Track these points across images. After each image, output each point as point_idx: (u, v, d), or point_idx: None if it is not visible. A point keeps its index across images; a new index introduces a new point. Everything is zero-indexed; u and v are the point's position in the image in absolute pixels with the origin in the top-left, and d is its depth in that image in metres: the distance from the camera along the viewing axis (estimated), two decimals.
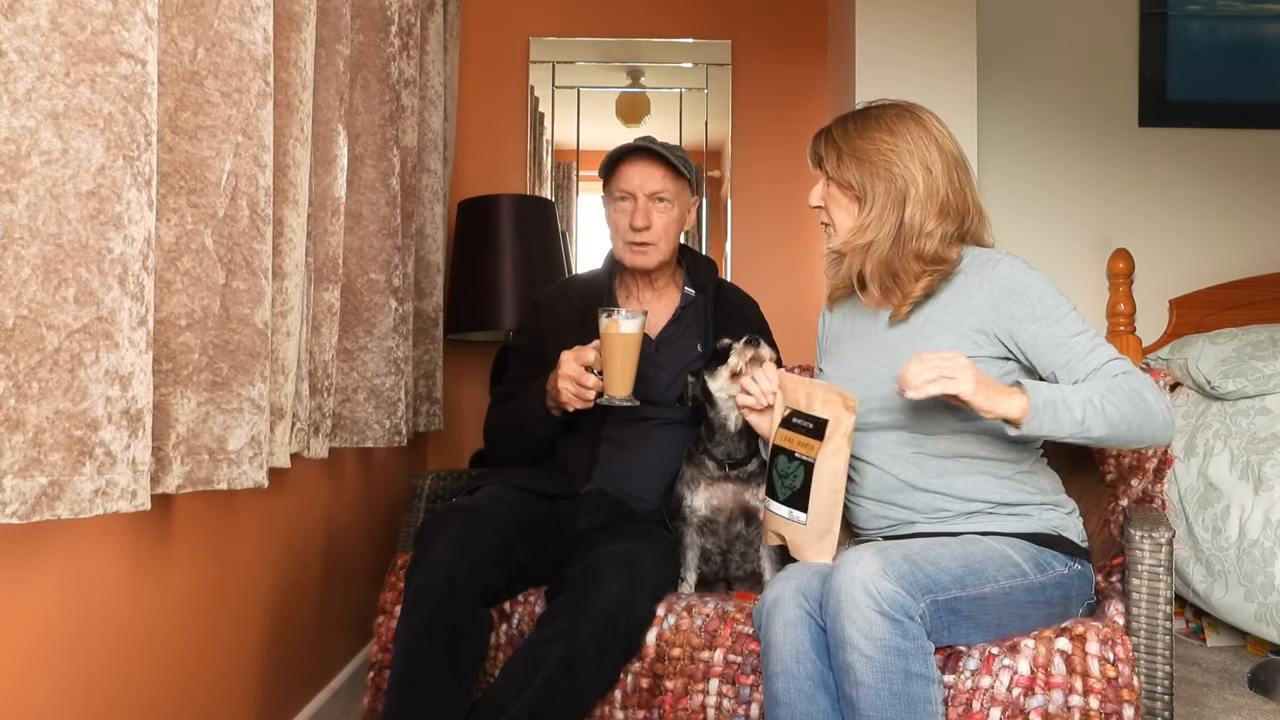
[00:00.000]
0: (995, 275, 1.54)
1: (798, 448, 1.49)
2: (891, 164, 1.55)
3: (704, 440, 1.77)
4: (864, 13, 2.83)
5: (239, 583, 1.61)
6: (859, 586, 1.28)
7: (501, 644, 1.67)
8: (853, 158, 1.58)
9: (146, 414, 1.06)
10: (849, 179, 1.59)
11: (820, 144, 1.64)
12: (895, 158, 1.55)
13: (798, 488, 1.48)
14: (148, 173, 1.05)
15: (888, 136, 1.57)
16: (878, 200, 1.56)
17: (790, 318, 3.20)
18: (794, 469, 1.49)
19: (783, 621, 1.37)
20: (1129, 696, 1.37)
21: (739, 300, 2.07)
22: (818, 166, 1.65)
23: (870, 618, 1.27)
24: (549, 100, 3.26)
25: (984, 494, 1.52)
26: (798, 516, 1.48)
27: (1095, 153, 3.41)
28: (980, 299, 1.54)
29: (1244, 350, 2.75)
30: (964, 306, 1.55)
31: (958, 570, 1.37)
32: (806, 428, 1.49)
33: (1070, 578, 1.49)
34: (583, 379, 1.70)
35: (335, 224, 1.81)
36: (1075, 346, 1.49)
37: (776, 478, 1.52)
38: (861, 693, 1.27)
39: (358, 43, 2.00)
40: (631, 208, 1.88)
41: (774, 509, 1.52)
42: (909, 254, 1.56)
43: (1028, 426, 1.38)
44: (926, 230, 1.55)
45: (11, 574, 1.03)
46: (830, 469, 1.46)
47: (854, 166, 1.58)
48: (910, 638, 1.28)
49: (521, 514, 1.71)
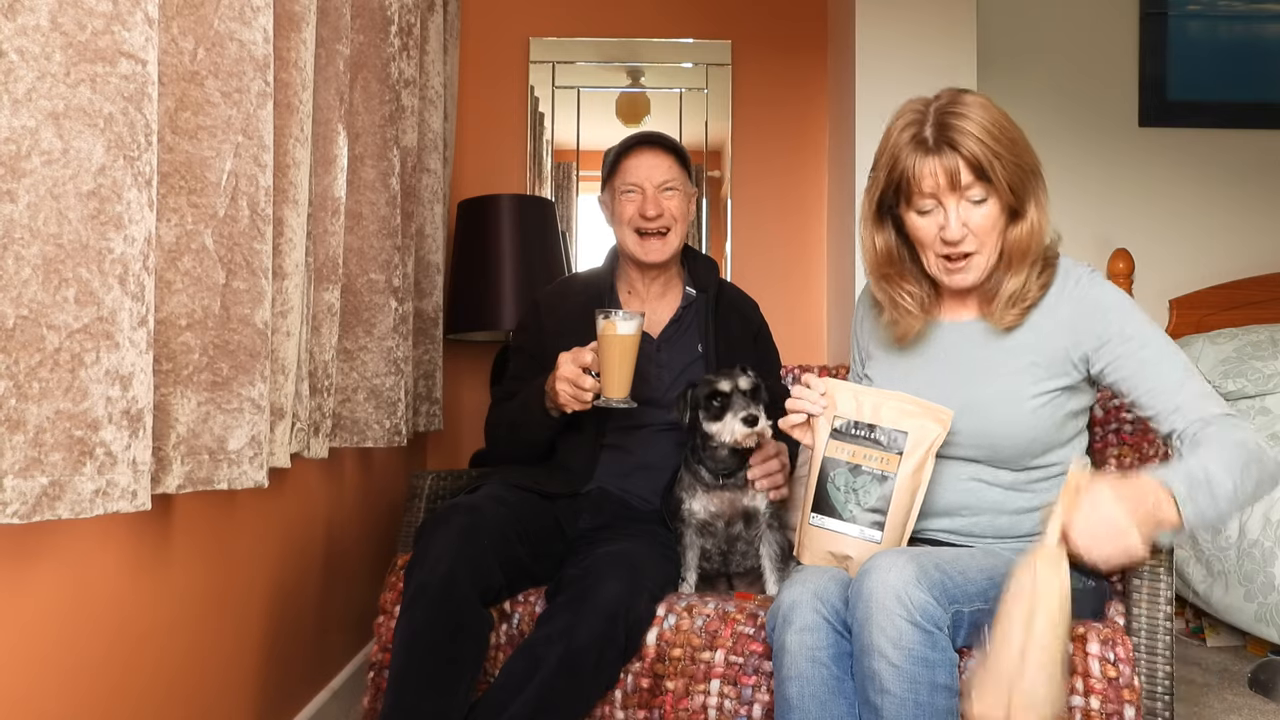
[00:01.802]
0: (1077, 291, 1.47)
1: (865, 461, 1.41)
2: (1034, 160, 1.42)
3: (698, 450, 1.76)
4: (864, 13, 2.83)
5: (239, 583, 1.61)
6: (892, 594, 1.25)
7: (501, 644, 1.67)
8: (1014, 163, 1.38)
9: (147, 414, 1.06)
10: (1014, 186, 1.40)
11: (968, 143, 1.37)
12: (1030, 150, 1.43)
13: (873, 504, 1.40)
14: (148, 173, 1.05)
15: (1018, 130, 1.42)
16: (1038, 204, 1.42)
17: (790, 318, 3.21)
18: (865, 484, 1.41)
19: (799, 626, 1.34)
20: (1129, 696, 1.37)
21: (740, 301, 2.06)
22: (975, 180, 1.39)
23: (901, 626, 1.24)
24: (549, 100, 3.26)
25: (1024, 528, 1.50)
26: (871, 535, 1.39)
27: (1095, 153, 3.41)
28: (1062, 315, 1.47)
29: (1244, 350, 2.75)
30: (1047, 327, 1.47)
31: (982, 583, 1.35)
32: (876, 440, 1.41)
33: (1084, 592, 1.48)
34: (580, 381, 1.70)
35: (335, 224, 1.81)
36: (1168, 375, 1.41)
37: (835, 492, 1.42)
38: (887, 701, 1.24)
39: (358, 43, 2.00)
40: (640, 198, 1.88)
41: (834, 527, 1.43)
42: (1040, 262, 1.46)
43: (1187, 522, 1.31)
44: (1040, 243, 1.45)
45: (11, 574, 1.03)
46: (912, 485, 1.39)
47: (1015, 170, 1.39)
48: (939, 649, 1.26)
49: (522, 513, 1.71)
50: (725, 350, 1.91)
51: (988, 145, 1.38)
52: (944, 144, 1.39)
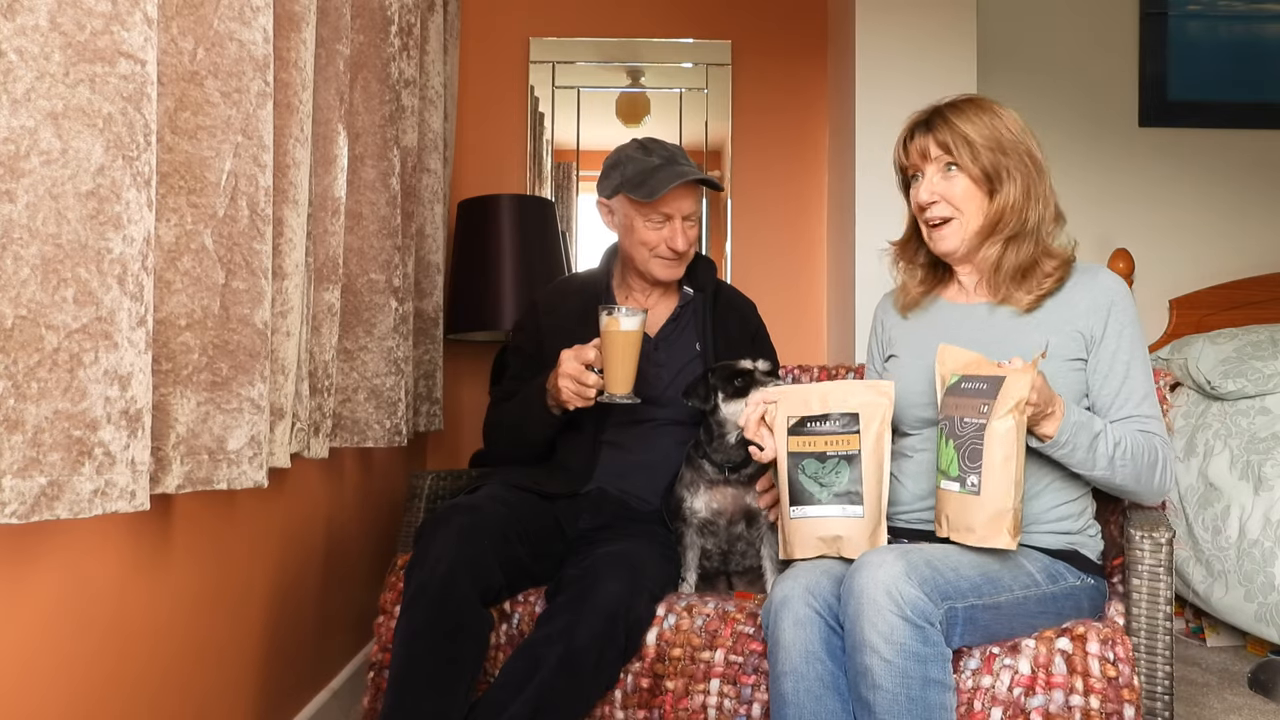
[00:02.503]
0: (1098, 283, 1.57)
1: (827, 447, 1.47)
2: (1020, 150, 1.54)
3: (703, 444, 1.76)
4: (864, 13, 2.83)
5: (239, 583, 1.61)
6: (882, 590, 1.27)
7: (501, 644, 1.67)
8: (986, 146, 1.54)
9: (146, 414, 1.06)
10: (984, 164, 1.54)
11: (942, 130, 1.57)
12: (1022, 143, 1.55)
13: (845, 485, 1.46)
14: (147, 173, 1.05)
15: (1011, 125, 1.56)
16: (1016, 186, 1.54)
17: (790, 319, 3.21)
18: (833, 466, 1.47)
19: (792, 620, 1.35)
20: (1129, 696, 1.37)
21: (738, 301, 2.07)
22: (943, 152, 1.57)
23: (892, 621, 1.26)
24: (549, 100, 3.26)
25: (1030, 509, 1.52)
26: (852, 511, 1.45)
27: (1095, 153, 3.41)
28: (1083, 306, 1.56)
29: (1244, 350, 2.75)
30: (1070, 313, 1.56)
31: (976, 578, 1.36)
32: (830, 427, 1.47)
33: (1081, 590, 1.49)
34: (583, 377, 1.70)
35: (335, 224, 1.81)
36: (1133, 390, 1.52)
37: (807, 481, 1.48)
38: (879, 696, 1.26)
39: (358, 43, 2.00)
40: (671, 230, 1.87)
41: (816, 514, 1.48)
42: (1041, 250, 1.57)
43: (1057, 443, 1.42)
44: (1048, 226, 1.57)
45: (11, 574, 1.03)
46: (877, 457, 1.46)
47: (987, 153, 1.54)
48: (930, 643, 1.27)
49: (522, 514, 1.71)
50: (723, 350, 1.92)
51: (957, 128, 1.55)
52: (925, 127, 1.60)
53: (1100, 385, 1.53)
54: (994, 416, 1.35)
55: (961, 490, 1.38)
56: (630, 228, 1.90)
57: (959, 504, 1.39)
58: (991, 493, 1.35)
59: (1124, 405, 1.52)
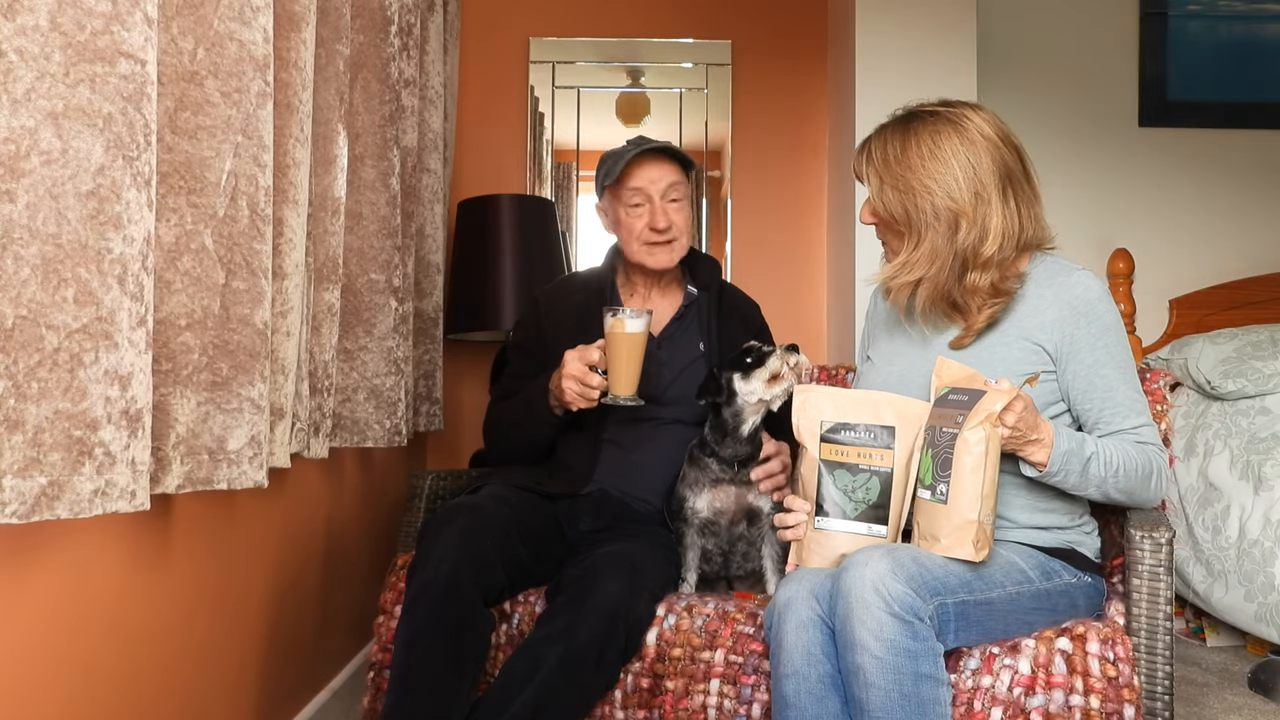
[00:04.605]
0: (1068, 294, 1.49)
1: (860, 459, 1.44)
2: (934, 193, 1.44)
3: (709, 442, 1.75)
4: (864, 13, 2.83)
5: (239, 583, 1.61)
6: (869, 587, 1.27)
7: (501, 644, 1.67)
8: (894, 187, 1.46)
9: (146, 414, 1.06)
10: (893, 211, 1.48)
11: (861, 162, 1.53)
12: (937, 184, 1.44)
13: (874, 500, 1.43)
14: (147, 173, 1.05)
15: (929, 161, 1.44)
16: (926, 233, 1.46)
17: (790, 318, 3.21)
18: (864, 481, 1.43)
19: (795, 623, 1.35)
20: (1129, 696, 1.37)
21: (742, 302, 2.07)
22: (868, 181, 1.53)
23: (880, 619, 1.26)
24: (549, 100, 3.26)
25: (1015, 516, 1.51)
26: (878, 530, 1.42)
27: (1095, 153, 3.41)
28: (1049, 317, 1.49)
29: (1244, 350, 2.75)
30: (1033, 322, 1.50)
31: (966, 574, 1.36)
32: (864, 438, 1.44)
33: (1078, 587, 1.49)
34: (587, 378, 1.69)
35: (335, 224, 1.81)
36: (1119, 402, 1.48)
37: (836, 494, 1.44)
38: (871, 694, 1.26)
39: (358, 43, 2.00)
40: (649, 210, 1.87)
41: (842, 528, 1.44)
42: (967, 287, 1.48)
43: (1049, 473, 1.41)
44: (983, 259, 1.45)
45: (11, 574, 1.03)
46: (904, 476, 1.43)
47: (895, 197, 1.46)
48: (920, 639, 1.27)
49: (523, 513, 1.71)
50: (727, 350, 1.91)
51: (873, 165, 1.51)
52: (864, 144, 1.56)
53: (1082, 399, 1.49)
54: (966, 427, 1.35)
55: (932, 498, 1.38)
56: (617, 220, 1.91)
57: (930, 512, 1.39)
58: (958, 502, 1.35)
59: (1112, 419, 1.48)
